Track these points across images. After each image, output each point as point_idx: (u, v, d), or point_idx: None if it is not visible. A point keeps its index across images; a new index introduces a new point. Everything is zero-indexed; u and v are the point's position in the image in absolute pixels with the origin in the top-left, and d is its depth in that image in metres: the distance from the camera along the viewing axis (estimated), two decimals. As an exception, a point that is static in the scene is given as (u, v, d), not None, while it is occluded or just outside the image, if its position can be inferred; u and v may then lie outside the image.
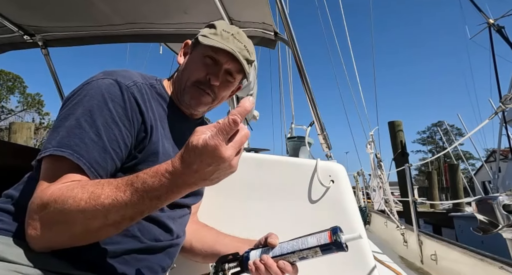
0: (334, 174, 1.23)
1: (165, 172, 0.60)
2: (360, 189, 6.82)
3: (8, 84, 28.65)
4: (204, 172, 0.59)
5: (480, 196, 1.07)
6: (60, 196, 0.64)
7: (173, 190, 0.61)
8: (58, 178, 0.69)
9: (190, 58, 0.93)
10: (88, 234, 0.66)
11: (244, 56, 0.91)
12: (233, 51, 0.88)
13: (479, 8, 6.00)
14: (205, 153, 0.57)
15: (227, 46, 0.87)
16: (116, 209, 0.62)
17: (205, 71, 0.89)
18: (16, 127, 7.23)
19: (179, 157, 0.60)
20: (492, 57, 6.99)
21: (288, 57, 7.78)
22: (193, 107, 0.93)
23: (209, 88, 0.90)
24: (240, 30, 0.95)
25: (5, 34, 1.94)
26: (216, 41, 0.88)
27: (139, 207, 0.62)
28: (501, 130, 8.68)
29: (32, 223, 0.66)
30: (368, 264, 1.13)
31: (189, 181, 0.60)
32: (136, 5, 1.72)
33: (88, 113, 0.74)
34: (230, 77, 0.93)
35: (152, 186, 0.60)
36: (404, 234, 3.33)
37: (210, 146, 0.57)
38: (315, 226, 1.19)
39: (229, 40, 0.89)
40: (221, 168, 0.60)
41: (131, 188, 0.61)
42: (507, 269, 1.58)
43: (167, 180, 0.60)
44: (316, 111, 1.39)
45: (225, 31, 0.90)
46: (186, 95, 0.91)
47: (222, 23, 0.94)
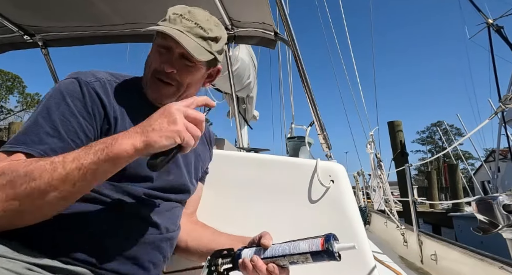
0: (334, 174, 1.23)
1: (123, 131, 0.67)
2: (360, 189, 6.83)
3: (7, 84, 28.67)
4: (149, 124, 0.65)
5: (480, 196, 1.07)
6: (9, 166, 0.65)
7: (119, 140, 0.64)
8: None
9: (150, 52, 0.90)
10: (33, 202, 0.63)
11: (196, 34, 0.85)
12: (178, 32, 0.82)
13: (478, 8, 6.01)
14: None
15: (170, 28, 0.82)
16: (65, 164, 0.63)
17: (159, 60, 0.86)
18: (15, 127, 7.27)
19: None
20: (491, 57, 7.00)
21: (288, 57, 7.78)
22: (157, 101, 0.89)
23: (167, 77, 0.86)
24: (194, 9, 0.90)
25: (5, 34, 1.94)
26: (161, 26, 0.83)
27: (86, 162, 0.63)
28: (500, 130, 8.69)
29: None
30: (368, 264, 1.13)
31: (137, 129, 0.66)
32: (136, 5, 1.72)
33: (45, 110, 0.76)
34: (188, 61, 0.86)
35: (100, 141, 0.65)
36: (404, 234, 3.34)
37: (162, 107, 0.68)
38: (315, 226, 1.19)
39: (176, 22, 0.85)
40: (166, 119, 0.65)
41: (85, 148, 0.65)
42: (507, 269, 1.58)
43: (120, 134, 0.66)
44: (316, 111, 1.39)
45: (174, 14, 0.86)
46: (148, 90, 0.89)
47: (175, 7, 0.89)
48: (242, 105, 3.63)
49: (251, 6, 1.64)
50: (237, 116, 2.53)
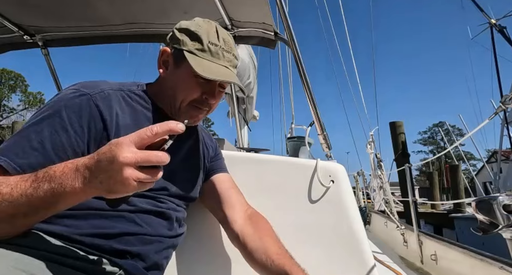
0: (334, 174, 1.23)
1: (68, 163, 0.60)
2: (360, 189, 6.82)
3: (9, 82, 28.81)
4: (96, 164, 0.57)
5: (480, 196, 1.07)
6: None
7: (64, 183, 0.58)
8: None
9: (177, 76, 0.89)
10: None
11: (234, 65, 0.91)
12: (229, 76, 0.86)
13: (481, 8, 6.00)
14: (109, 143, 0.57)
15: (223, 71, 0.86)
16: (12, 198, 0.60)
17: (200, 90, 0.88)
18: (18, 126, 7.30)
19: None
20: (493, 57, 6.99)
21: (288, 57, 7.77)
22: (191, 124, 0.94)
23: (205, 106, 0.91)
24: (223, 31, 0.92)
25: (5, 34, 1.94)
26: (209, 64, 0.85)
27: (34, 198, 0.59)
28: (502, 131, 8.68)
29: None
30: (368, 264, 1.12)
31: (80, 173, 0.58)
32: (136, 5, 1.72)
33: (38, 122, 0.75)
34: (222, 88, 0.93)
35: (50, 174, 0.60)
36: (404, 234, 3.33)
37: (115, 139, 0.57)
38: (315, 226, 1.19)
39: (219, 56, 0.88)
40: (110, 169, 0.55)
41: (34, 176, 0.61)
42: (507, 269, 1.57)
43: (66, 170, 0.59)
44: (316, 111, 1.39)
45: (212, 44, 0.87)
46: (184, 114, 0.90)
47: (203, 29, 0.88)
48: (242, 105, 3.63)
49: (251, 6, 1.64)
50: (237, 116, 2.53)
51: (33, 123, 0.75)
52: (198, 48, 0.86)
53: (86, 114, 0.78)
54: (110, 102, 0.82)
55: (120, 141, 0.57)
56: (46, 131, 0.74)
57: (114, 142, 0.57)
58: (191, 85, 0.87)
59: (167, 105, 0.92)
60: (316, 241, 1.17)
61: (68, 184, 0.58)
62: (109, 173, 0.56)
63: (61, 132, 0.75)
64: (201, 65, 0.84)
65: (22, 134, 0.74)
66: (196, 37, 0.87)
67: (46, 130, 0.74)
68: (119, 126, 0.81)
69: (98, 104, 0.80)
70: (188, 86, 0.88)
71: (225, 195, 1.04)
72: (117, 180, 0.55)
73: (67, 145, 0.75)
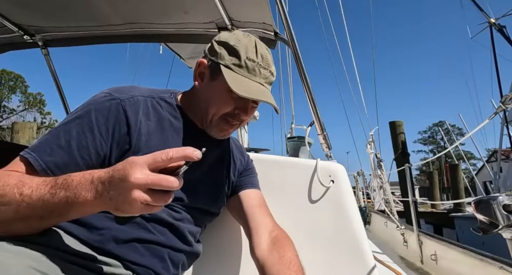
0: (334, 174, 1.23)
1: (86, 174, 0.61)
2: (360, 189, 6.82)
3: (9, 83, 28.79)
4: (110, 179, 0.57)
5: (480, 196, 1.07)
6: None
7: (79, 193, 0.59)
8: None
9: (212, 89, 0.89)
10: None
11: (270, 82, 0.91)
12: (263, 95, 0.85)
13: (480, 7, 5.99)
14: (126, 160, 0.58)
15: (258, 88, 0.86)
16: (31, 200, 0.62)
17: (233, 105, 0.88)
18: (18, 127, 7.25)
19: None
20: (493, 56, 6.98)
21: (288, 57, 7.76)
22: (220, 138, 0.95)
23: (237, 120, 0.91)
24: (262, 46, 0.91)
25: (5, 34, 1.94)
26: (245, 81, 0.85)
27: (50, 204, 0.61)
28: (502, 130, 8.67)
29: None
30: (368, 264, 1.13)
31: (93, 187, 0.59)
32: (136, 5, 1.72)
33: (69, 122, 0.78)
34: (255, 104, 0.92)
35: (68, 182, 0.61)
36: (404, 234, 3.33)
37: (132, 157, 0.58)
38: (315, 226, 1.19)
39: (256, 73, 0.87)
40: (121, 186, 0.56)
41: (54, 181, 0.62)
42: (507, 269, 1.57)
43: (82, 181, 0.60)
44: (316, 111, 1.39)
45: (249, 60, 0.87)
46: (215, 127, 0.91)
47: (242, 44, 0.88)
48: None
49: (251, 6, 1.64)
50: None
51: (64, 123, 0.79)
52: (235, 63, 0.86)
53: (113, 117, 0.80)
54: (138, 109, 0.84)
55: (135, 161, 0.57)
56: (74, 132, 0.77)
57: (130, 160, 0.58)
58: (224, 100, 0.88)
59: (199, 116, 0.93)
60: (316, 241, 1.17)
61: (81, 194, 0.59)
62: (119, 191, 0.56)
63: (88, 134, 0.77)
64: (236, 80, 0.84)
65: (53, 133, 0.78)
66: (234, 51, 0.87)
67: (74, 131, 0.77)
68: (141, 132, 0.82)
69: (126, 109, 0.82)
70: (221, 100, 0.88)
71: (250, 215, 1.00)
72: (126, 199, 0.55)
73: (91, 147, 0.77)
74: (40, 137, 0.79)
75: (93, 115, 0.79)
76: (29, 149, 0.74)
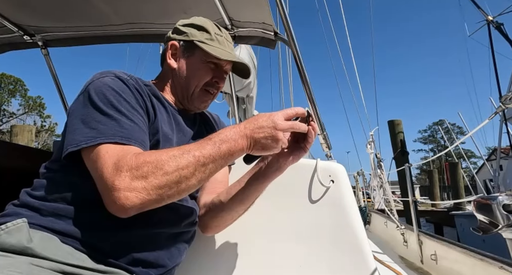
0: (334, 174, 1.23)
1: (232, 128, 0.77)
2: (360, 189, 6.82)
3: (9, 87, 28.78)
4: (258, 127, 0.76)
5: (480, 195, 1.06)
6: (150, 155, 0.72)
7: (237, 141, 0.75)
8: (117, 152, 0.73)
9: (190, 64, 0.99)
10: (182, 184, 0.72)
11: (237, 54, 1.05)
12: (235, 58, 0.99)
13: (478, 5, 5.99)
14: (263, 115, 0.78)
15: (230, 54, 0.99)
16: (204, 158, 0.72)
17: (211, 75, 0.99)
18: (17, 129, 7.26)
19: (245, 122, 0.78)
20: (491, 54, 6.98)
21: (288, 57, 7.75)
22: (201, 109, 1.06)
23: (215, 88, 1.03)
24: (220, 27, 1.04)
25: (5, 34, 1.94)
26: (218, 49, 0.97)
27: (217, 155, 0.73)
28: (501, 128, 8.66)
29: (128, 188, 0.69)
30: (368, 264, 1.13)
31: (246, 134, 0.76)
32: (136, 5, 1.72)
33: (112, 107, 0.79)
34: (225, 74, 1.04)
35: (223, 138, 0.75)
36: (404, 234, 3.33)
37: (268, 113, 0.78)
38: (315, 226, 1.19)
39: (225, 45, 1.00)
40: (271, 133, 0.75)
41: (210, 140, 0.75)
42: (507, 269, 1.57)
43: (232, 133, 0.76)
44: (316, 111, 1.39)
45: (218, 35, 1.00)
46: (196, 99, 1.01)
47: (207, 23, 1.01)
48: (242, 105, 3.62)
49: (251, 6, 1.64)
50: (237, 116, 2.52)
51: (106, 108, 0.78)
52: (207, 38, 0.98)
53: (136, 95, 0.85)
54: (141, 87, 0.89)
55: (275, 114, 0.78)
56: (126, 112, 0.80)
57: (268, 114, 0.78)
58: (203, 70, 0.99)
59: (178, 94, 1.01)
60: (316, 241, 1.17)
61: (238, 142, 0.75)
62: (270, 133, 0.76)
63: (134, 112, 0.82)
64: (215, 51, 0.96)
65: (103, 118, 0.77)
66: (202, 28, 0.99)
67: (125, 111, 0.80)
68: (150, 105, 0.89)
69: (136, 87, 0.87)
70: (201, 72, 0.99)
71: (207, 185, 1.07)
72: (274, 139, 0.76)
73: (142, 122, 0.83)
74: (84, 124, 0.77)
75: (123, 95, 0.82)
76: (100, 135, 0.74)
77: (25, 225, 0.72)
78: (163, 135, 0.89)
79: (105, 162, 0.71)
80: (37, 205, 0.77)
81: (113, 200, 0.69)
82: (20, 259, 0.67)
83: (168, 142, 0.90)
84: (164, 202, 0.73)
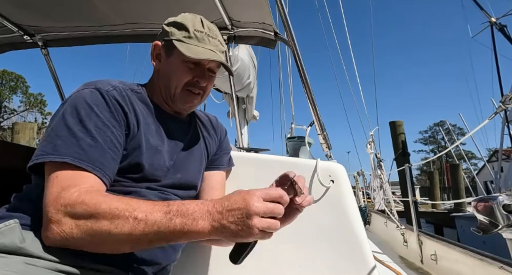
0: (334, 174, 1.23)
1: (199, 203, 0.65)
2: (360, 189, 6.82)
3: (10, 84, 28.81)
4: (228, 208, 0.62)
5: (480, 196, 1.06)
6: (92, 198, 0.67)
7: (196, 221, 0.63)
8: (66, 180, 0.72)
9: (169, 64, 0.95)
10: (107, 243, 0.68)
11: (220, 50, 0.96)
12: (215, 56, 0.92)
13: (481, 6, 5.99)
14: (238, 192, 0.64)
15: (209, 53, 0.91)
16: (145, 225, 0.64)
17: (191, 74, 0.94)
18: (19, 127, 7.25)
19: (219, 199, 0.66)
20: (494, 55, 6.98)
21: (288, 57, 7.77)
22: (187, 110, 1.01)
23: (199, 89, 0.96)
24: (206, 20, 0.98)
25: (5, 34, 1.94)
26: (194, 47, 0.91)
27: (164, 229, 0.64)
28: (503, 130, 8.66)
29: (56, 222, 0.67)
30: (368, 264, 1.12)
31: (213, 218, 0.63)
32: (136, 5, 1.72)
33: (79, 122, 0.78)
34: (212, 73, 0.99)
35: (183, 210, 0.64)
36: (404, 234, 3.33)
37: (245, 191, 0.64)
38: (315, 226, 1.19)
39: (205, 41, 0.93)
40: (242, 217, 0.61)
41: (166, 208, 0.65)
42: (507, 269, 1.57)
43: (196, 209, 0.64)
44: (316, 111, 1.39)
45: (197, 31, 0.93)
46: (179, 101, 0.96)
47: (189, 19, 0.95)
48: (242, 105, 3.63)
49: (251, 6, 1.64)
50: (237, 116, 2.52)
51: (73, 123, 0.77)
52: (185, 36, 0.92)
53: (113, 110, 0.82)
54: (124, 98, 0.87)
55: (251, 192, 0.64)
56: (92, 128, 0.77)
57: (244, 192, 0.64)
58: (182, 70, 0.93)
59: (163, 95, 0.97)
60: (316, 241, 1.17)
61: (199, 222, 0.63)
62: (240, 218, 0.61)
63: (104, 128, 0.79)
64: (188, 49, 0.90)
65: (67, 134, 0.76)
66: (182, 26, 0.94)
67: (91, 127, 0.77)
68: (134, 119, 0.86)
69: (117, 99, 0.84)
70: (180, 72, 0.93)
71: (205, 193, 1.08)
72: (246, 225, 0.61)
73: (114, 139, 0.80)
74: (50, 138, 0.77)
75: (96, 110, 0.79)
76: (56, 153, 0.73)
77: (17, 225, 0.72)
78: (150, 148, 0.87)
79: (51, 187, 0.71)
80: (26, 209, 0.78)
81: (44, 226, 0.69)
82: (14, 259, 0.67)
83: (158, 153, 0.89)
84: (86, 248, 0.69)
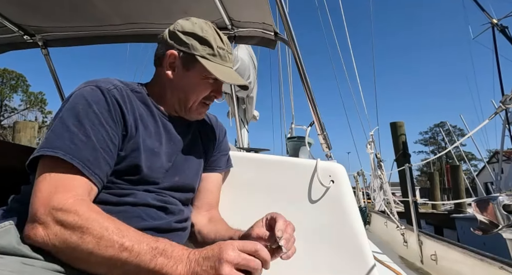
0: (334, 174, 1.22)
1: (183, 249, 0.66)
2: (360, 189, 6.82)
3: (11, 82, 28.80)
4: (204, 255, 0.64)
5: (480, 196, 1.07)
6: (86, 210, 0.68)
7: (176, 265, 0.64)
8: (57, 179, 0.72)
9: (189, 78, 0.96)
10: (83, 260, 0.67)
11: (233, 64, 1.04)
12: (241, 81, 0.99)
13: (483, 7, 6.00)
14: (217, 244, 0.65)
15: (235, 75, 0.99)
16: (129, 255, 0.64)
17: (210, 89, 0.98)
18: (20, 126, 7.24)
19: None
20: (495, 57, 6.98)
21: (288, 57, 7.78)
22: (198, 118, 1.04)
23: (211, 101, 1.02)
24: (221, 33, 0.99)
25: (5, 34, 1.95)
26: (221, 67, 0.95)
27: (145, 264, 0.64)
28: (504, 131, 8.64)
29: (43, 223, 0.68)
30: (368, 264, 1.12)
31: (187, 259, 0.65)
32: (136, 5, 1.72)
33: (75, 118, 0.79)
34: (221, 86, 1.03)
35: (169, 251, 0.65)
36: (404, 234, 3.33)
37: (224, 242, 0.65)
38: (315, 226, 1.19)
39: (227, 59, 0.98)
40: (214, 264, 0.62)
41: (154, 243, 0.66)
42: (507, 269, 1.57)
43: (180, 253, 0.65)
44: (316, 111, 1.39)
45: (220, 48, 0.96)
46: (194, 112, 1.00)
47: (209, 34, 0.95)
48: (242, 105, 3.63)
49: (251, 6, 1.64)
50: (237, 116, 2.52)
51: (69, 119, 0.78)
52: (210, 53, 0.94)
53: (112, 108, 0.83)
54: (124, 97, 0.87)
55: (228, 242, 0.65)
56: (87, 125, 0.78)
57: (223, 242, 0.66)
58: (203, 86, 0.97)
59: (175, 105, 0.99)
60: (316, 241, 1.17)
61: (178, 267, 0.64)
62: (212, 264, 0.62)
63: (99, 127, 0.80)
64: (216, 69, 0.93)
65: (62, 129, 0.77)
66: (205, 41, 0.94)
67: (86, 125, 0.78)
68: (132, 119, 0.87)
69: (117, 98, 0.85)
70: (200, 87, 0.96)
71: (202, 194, 1.10)
72: (217, 272, 0.61)
73: (107, 139, 0.80)
74: (48, 135, 0.78)
75: (95, 107, 0.80)
76: (49, 146, 0.74)
77: (13, 227, 0.72)
78: (148, 150, 0.88)
79: (42, 184, 0.71)
80: (23, 211, 0.77)
81: (29, 223, 0.69)
82: (12, 259, 0.67)
83: (155, 156, 0.90)
84: (58, 256, 0.69)
